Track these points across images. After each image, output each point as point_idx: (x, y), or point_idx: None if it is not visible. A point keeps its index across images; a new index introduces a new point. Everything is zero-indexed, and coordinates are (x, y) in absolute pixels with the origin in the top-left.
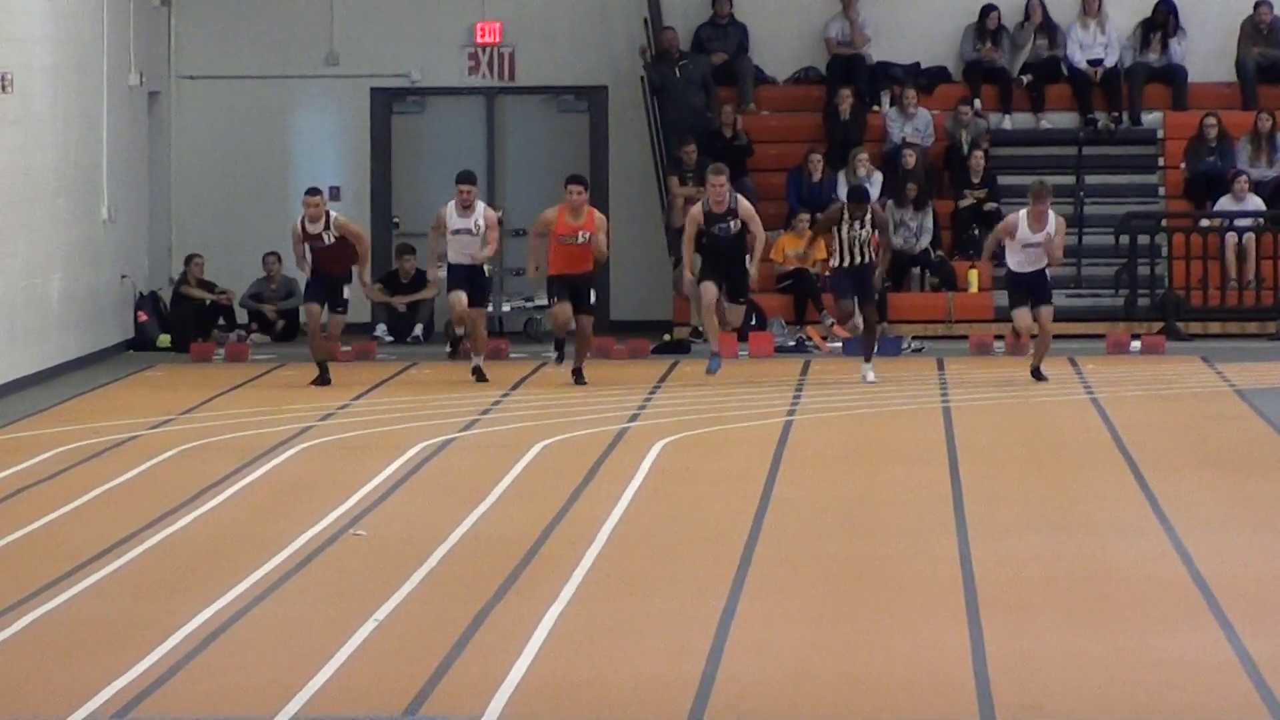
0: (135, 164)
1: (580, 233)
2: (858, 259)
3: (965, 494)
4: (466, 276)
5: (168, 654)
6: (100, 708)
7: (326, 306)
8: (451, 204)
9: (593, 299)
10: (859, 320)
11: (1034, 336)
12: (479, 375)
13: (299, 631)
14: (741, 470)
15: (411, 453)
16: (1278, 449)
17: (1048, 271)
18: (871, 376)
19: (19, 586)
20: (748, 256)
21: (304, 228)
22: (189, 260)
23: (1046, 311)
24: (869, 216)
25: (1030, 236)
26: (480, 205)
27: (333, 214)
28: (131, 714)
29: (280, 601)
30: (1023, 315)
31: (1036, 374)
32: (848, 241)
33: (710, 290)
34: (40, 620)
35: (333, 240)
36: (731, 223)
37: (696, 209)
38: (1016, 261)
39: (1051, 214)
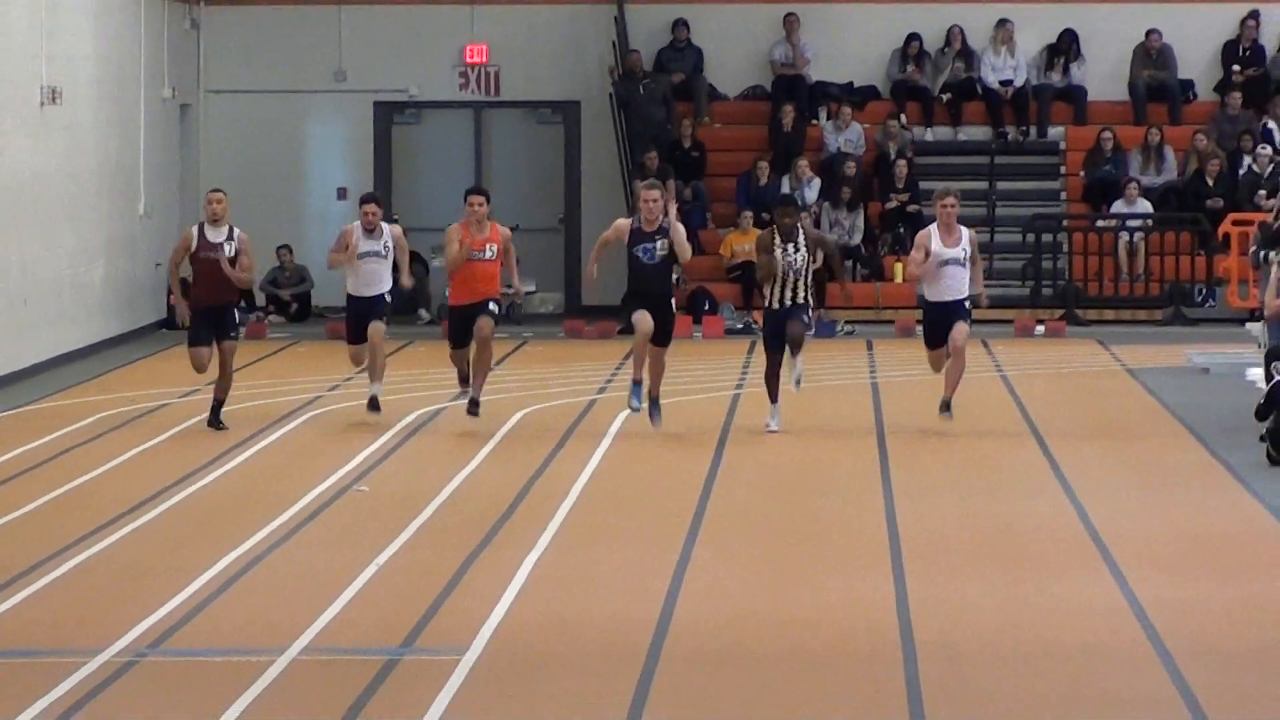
0: (168, 167)
1: (488, 246)
2: (789, 298)
3: (890, 460)
4: (364, 309)
5: (193, 594)
6: (134, 641)
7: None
8: (357, 224)
9: (494, 307)
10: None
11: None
12: (373, 404)
13: (308, 575)
14: (696, 438)
15: (408, 419)
16: (1162, 420)
17: (970, 303)
18: (774, 426)
19: (63, 535)
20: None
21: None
22: None
23: (959, 328)
24: (801, 238)
25: (945, 251)
26: (386, 226)
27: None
28: (162, 646)
29: (292, 549)
30: (934, 357)
31: (945, 408)
32: (782, 271)
33: (645, 320)
34: (80, 565)
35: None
36: (659, 243)
37: (624, 221)
38: (934, 289)
39: (964, 229)
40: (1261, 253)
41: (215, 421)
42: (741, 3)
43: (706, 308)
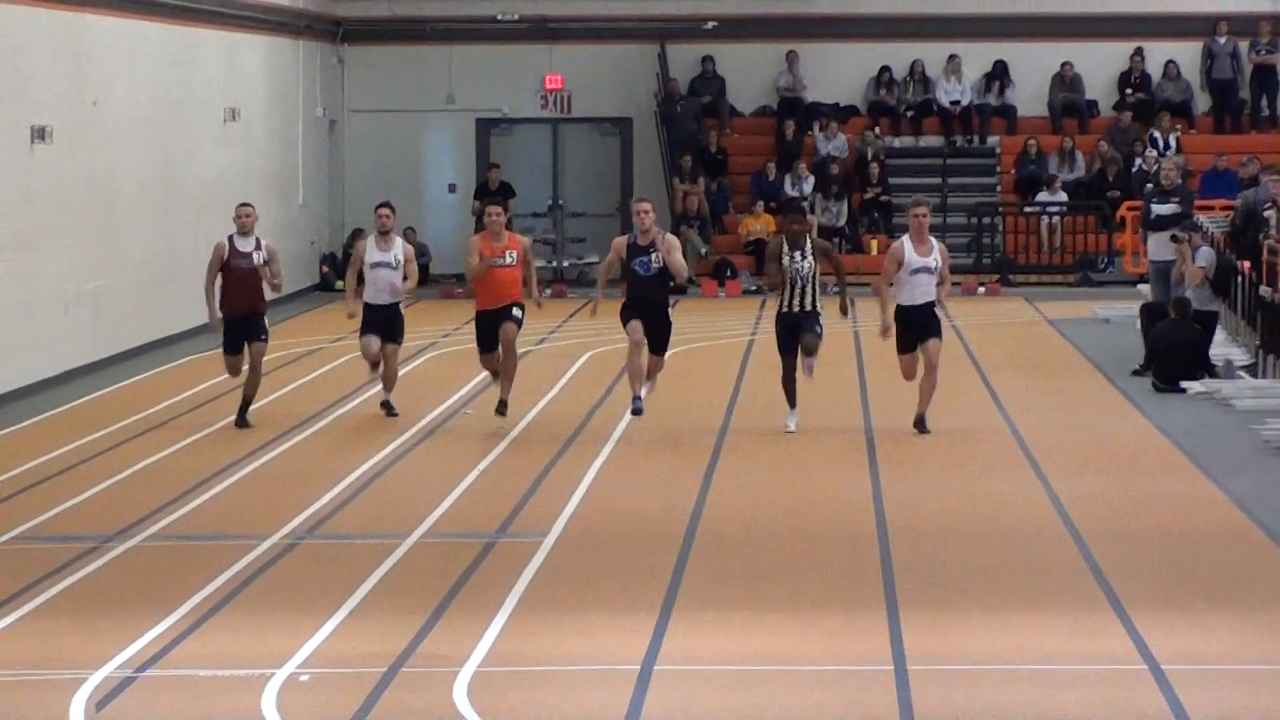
0: (319, 168)
1: (507, 253)
2: (797, 304)
3: (868, 386)
4: (384, 318)
5: (340, 492)
6: (295, 528)
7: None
8: (371, 237)
9: (518, 312)
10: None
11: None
12: (389, 409)
13: (427, 477)
14: (720, 375)
15: None
16: (1074, 358)
17: (939, 310)
18: (792, 427)
19: (246, 445)
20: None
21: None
22: (354, 233)
23: (933, 345)
24: (809, 245)
25: (916, 259)
26: (398, 239)
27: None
28: (317, 531)
29: (416, 457)
30: (906, 363)
31: (920, 424)
32: (790, 276)
33: (637, 330)
34: (257, 469)
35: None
36: (653, 256)
37: (621, 240)
38: (906, 294)
39: (934, 240)
40: (1173, 234)
41: (242, 421)
42: (754, 42)
43: (729, 274)
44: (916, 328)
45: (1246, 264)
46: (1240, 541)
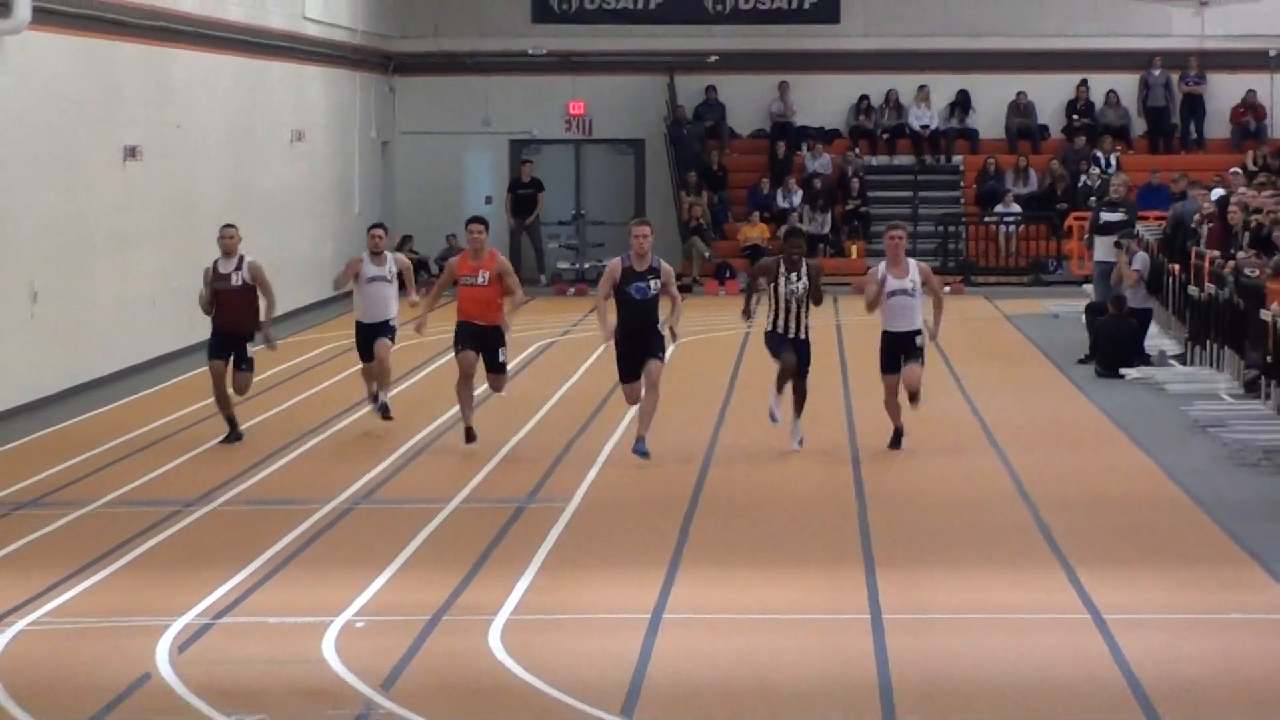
0: (373, 182)
1: (481, 272)
2: (792, 327)
3: (849, 371)
4: (372, 337)
5: (391, 462)
6: (350, 495)
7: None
8: (365, 253)
9: (503, 358)
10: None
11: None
12: (384, 412)
13: (464, 451)
14: (720, 362)
15: (531, 349)
16: (1027, 348)
17: (921, 338)
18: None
19: (309, 422)
20: (669, 327)
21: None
22: (404, 239)
23: (913, 370)
24: (804, 267)
25: (892, 282)
26: (391, 254)
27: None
28: (370, 497)
29: (453, 434)
30: (889, 383)
31: (896, 440)
32: (784, 298)
33: (633, 391)
34: (319, 443)
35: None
36: (651, 282)
37: (616, 263)
38: (889, 318)
39: (912, 262)
40: (1116, 240)
41: (232, 436)
42: (750, 74)
43: (729, 275)
44: (899, 352)
45: (1176, 267)
46: (1170, 507)
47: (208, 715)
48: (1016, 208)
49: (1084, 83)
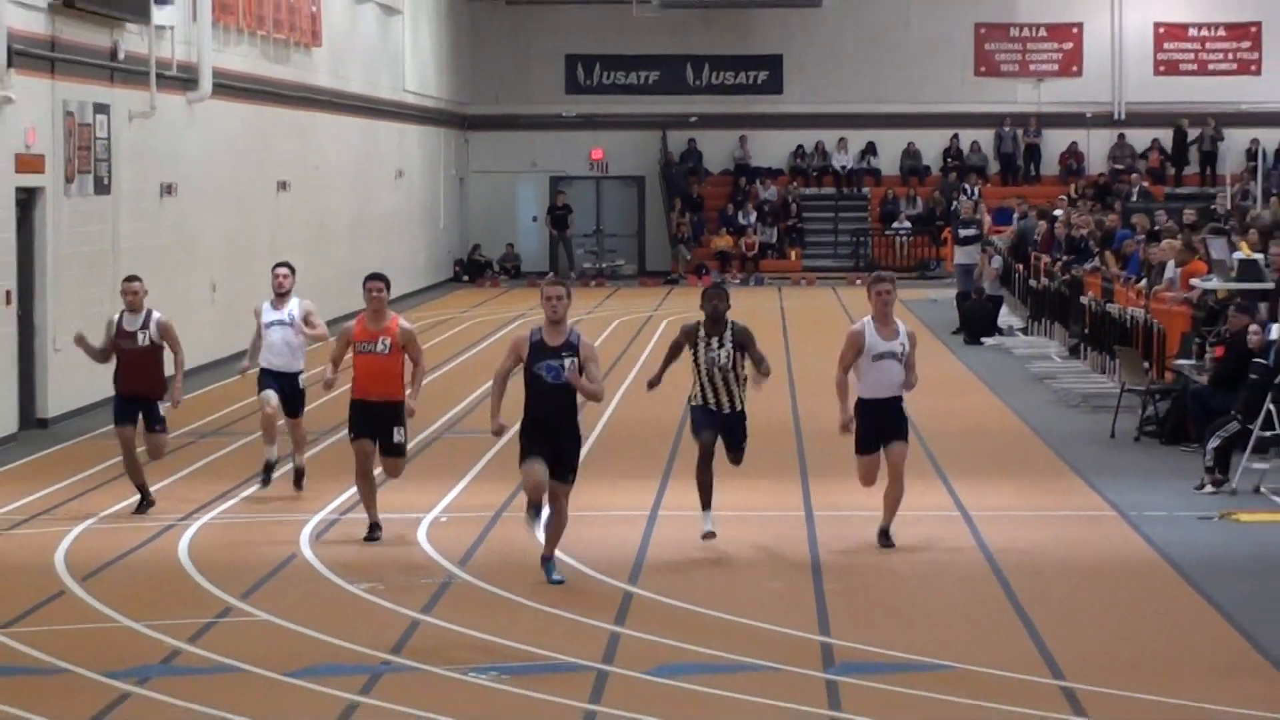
0: (452, 206)
1: (381, 339)
2: (722, 401)
3: (791, 349)
4: (280, 384)
5: (471, 401)
6: (435, 429)
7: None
8: (267, 301)
9: (398, 438)
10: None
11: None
12: (297, 479)
13: (518, 394)
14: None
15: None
16: (915, 324)
17: (904, 404)
18: (708, 526)
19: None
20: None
21: None
22: (474, 247)
23: (898, 449)
24: (729, 332)
25: (880, 344)
26: (294, 298)
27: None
28: (455, 426)
29: (513, 383)
30: (865, 465)
31: (884, 537)
32: (705, 369)
33: (535, 472)
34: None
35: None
36: (566, 361)
37: (523, 335)
38: (869, 384)
39: (901, 324)
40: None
41: (144, 504)
42: (720, 130)
43: (705, 272)
44: (879, 426)
45: (1021, 266)
46: (1015, 435)
47: (339, 583)
48: (908, 224)
49: (956, 136)
